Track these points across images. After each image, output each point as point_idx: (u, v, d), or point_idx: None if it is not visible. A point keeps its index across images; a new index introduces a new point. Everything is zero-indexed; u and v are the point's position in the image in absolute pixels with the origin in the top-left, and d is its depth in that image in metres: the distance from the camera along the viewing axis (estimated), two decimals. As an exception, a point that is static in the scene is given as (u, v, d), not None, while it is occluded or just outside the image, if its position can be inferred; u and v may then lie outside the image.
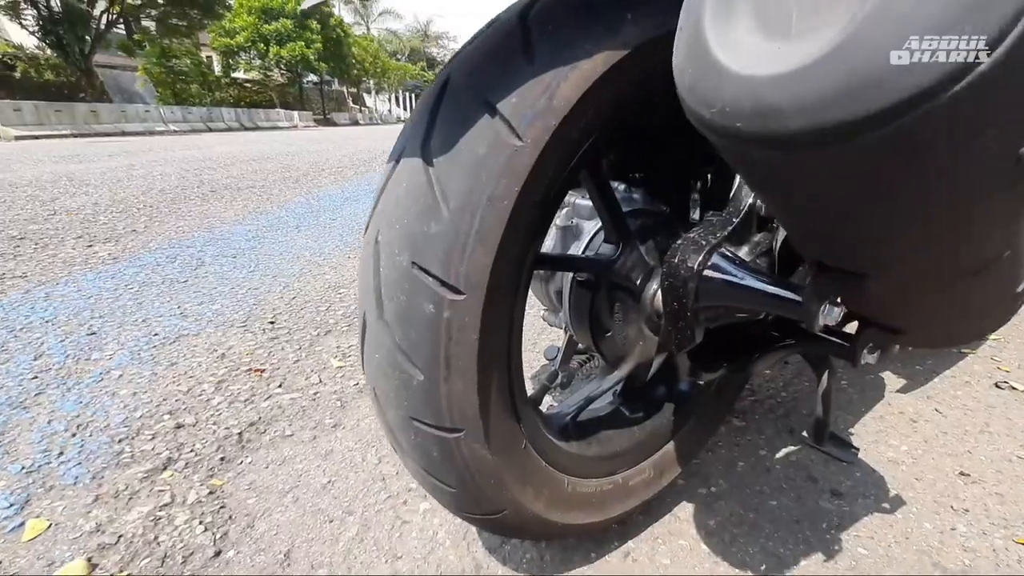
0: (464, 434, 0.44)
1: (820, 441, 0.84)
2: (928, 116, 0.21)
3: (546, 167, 0.41)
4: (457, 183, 0.38)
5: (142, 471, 0.82)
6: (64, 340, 1.28)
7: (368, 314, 0.43)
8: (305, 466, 0.84)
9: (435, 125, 0.39)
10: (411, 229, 0.40)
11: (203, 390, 1.05)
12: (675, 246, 0.45)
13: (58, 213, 2.75)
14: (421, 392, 0.42)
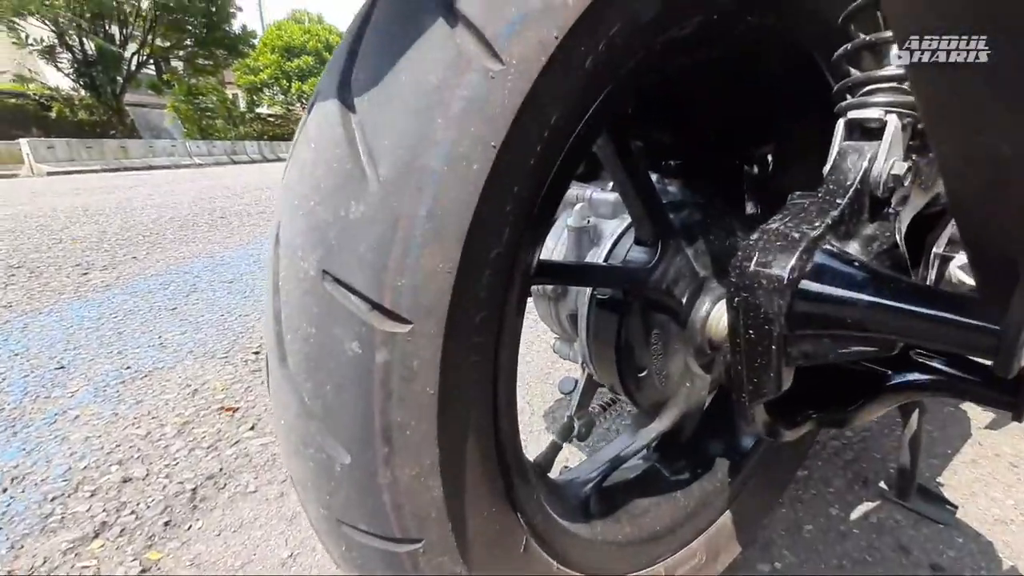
0: (423, 545, 0.28)
1: (906, 497, 0.66)
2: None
3: (543, 109, 0.25)
4: (394, 136, 0.24)
5: (69, 540, 0.67)
6: (28, 375, 1.16)
7: (270, 357, 0.28)
8: (265, 533, 0.68)
9: (360, 45, 0.25)
10: (321, 215, 0.25)
11: (163, 434, 0.91)
12: (749, 243, 0.29)
13: (63, 242, 2.70)
14: (348, 481, 0.26)
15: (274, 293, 0.26)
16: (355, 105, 0.24)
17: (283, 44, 30.49)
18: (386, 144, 0.23)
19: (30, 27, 16.49)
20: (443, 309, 0.24)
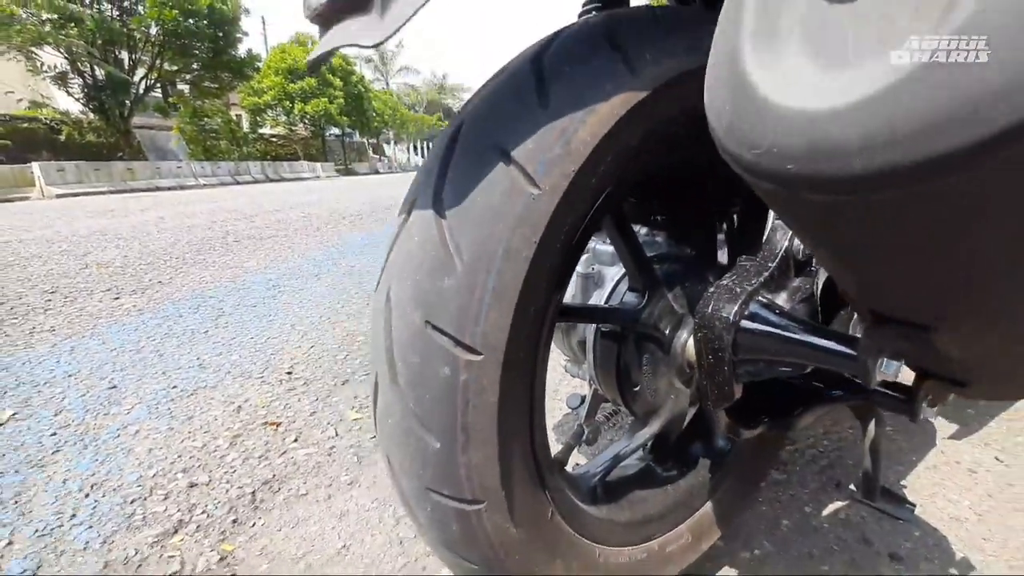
0: (485, 506, 0.40)
1: (871, 496, 0.77)
2: (998, 153, 0.18)
3: (565, 215, 0.38)
4: (471, 235, 0.36)
5: (153, 535, 0.79)
6: (85, 395, 1.28)
7: (380, 377, 0.41)
8: (319, 528, 0.80)
9: (447, 175, 0.38)
10: (424, 286, 0.37)
11: (218, 445, 1.03)
12: (707, 294, 0.42)
13: (89, 267, 2.83)
14: (438, 461, 0.39)
15: (386, 334, 0.39)
16: (445, 214, 0.37)
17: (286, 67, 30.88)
18: (466, 241, 0.36)
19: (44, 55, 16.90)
20: (502, 346, 0.37)
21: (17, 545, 0.78)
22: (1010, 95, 0.17)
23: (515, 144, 0.37)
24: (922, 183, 0.20)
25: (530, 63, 0.39)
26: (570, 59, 0.39)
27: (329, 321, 1.81)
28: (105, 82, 18.50)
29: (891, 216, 0.23)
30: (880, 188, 0.21)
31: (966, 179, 0.19)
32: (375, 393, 0.42)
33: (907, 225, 0.23)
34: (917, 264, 0.26)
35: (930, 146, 0.19)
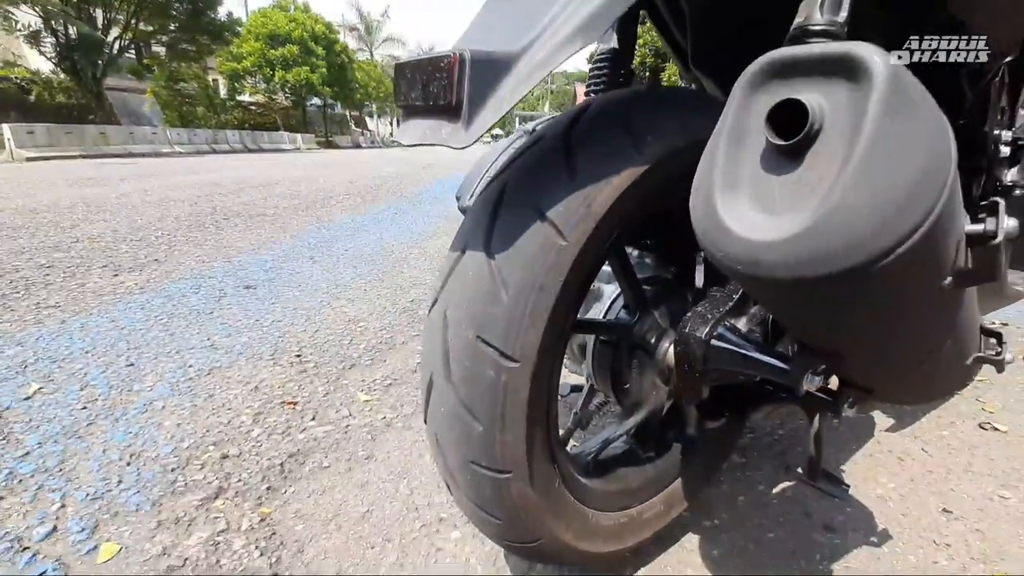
0: (512, 475, 0.53)
1: (814, 478, 0.92)
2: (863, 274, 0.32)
3: (584, 259, 0.50)
4: (514, 275, 0.48)
5: (196, 499, 0.90)
6: (105, 371, 1.36)
7: (435, 375, 0.52)
8: (344, 496, 0.92)
9: (495, 226, 0.49)
10: (476, 310, 0.49)
11: (242, 422, 1.14)
12: (686, 318, 0.54)
13: (80, 240, 2.85)
14: (480, 441, 0.51)
15: (443, 343, 0.51)
16: (495, 257, 0.48)
17: (268, 32, 29.78)
18: (510, 279, 0.48)
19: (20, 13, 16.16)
20: (533, 356, 0.50)
21: (70, 508, 0.88)
22: (851, 248, 0.31)
23: (549, 206, 0.48)
24: (807, 287, 0.35)
25: (561, 139, 0.51)
26: (591, 138, 0.50)
27: (330, 306, 1.91)
28: (78, 41, 17.72)
29: (795, 300, 0.38)
30: (786, 287, 0.35)
31: (833, 286, 0.34)
32: (429, 388, 0.54)
33: (802, 304, 0.37)
34: (814, 324, 0.40)
35: (814, 269, 0.33)
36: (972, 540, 0.86)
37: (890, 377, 0.52)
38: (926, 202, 0.30)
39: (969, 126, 0.76)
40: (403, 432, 1.12)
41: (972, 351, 0.52)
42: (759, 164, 0.35)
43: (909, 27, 0.58)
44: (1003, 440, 1.16)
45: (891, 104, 0.30)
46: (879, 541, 0.86)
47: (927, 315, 0.39)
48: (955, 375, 0.55)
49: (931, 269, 0.35)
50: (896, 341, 0.42)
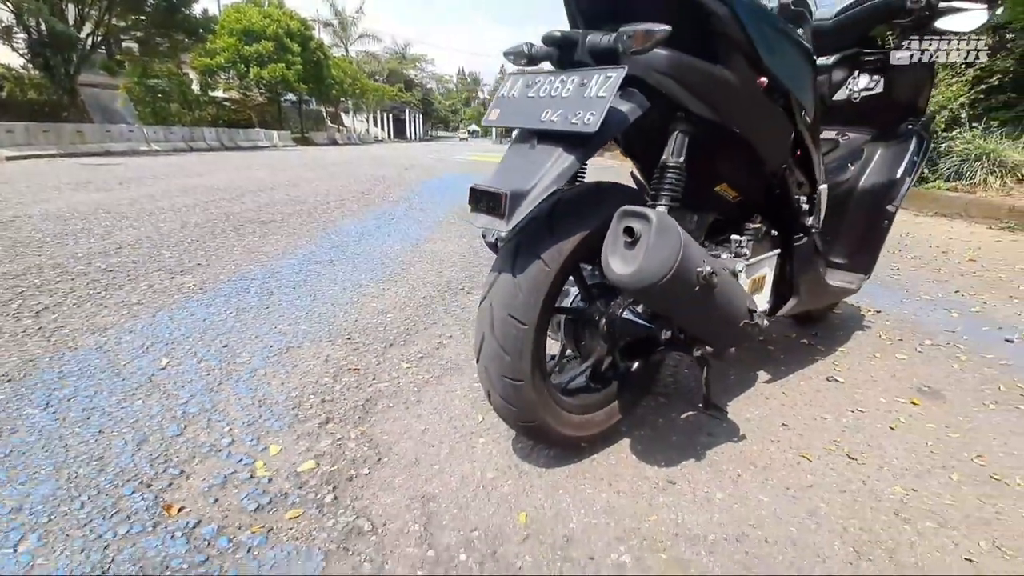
0: (524, 383, 1.06)
1: (705, 408, 1.48)
2: (657, 285, 0.86)
3: (559, 276, 1.03)
4: (525, 284, 1.00)
5: (315, 424, 1.41)
6: (209, 349, 1.85)
7: (486, 334, 1.05)
8: (408, 422, 1.44)
9: (516, 262, 1.02)
10: (507, 301, 1.02)
11: (325, 381, 1.64)
12: (611, 305, 1.09)
13: (123, 247, 3.27)
14: (509, 365, 1.04)
15: (490, 317, 1.03)
16: (515, 275, 1.01)
17: (242, 28, 29.32)
18: (523, 286, 1.01)
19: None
20: (534, 322, 1.03)
21: (237, 430, 1.38)
22: (650, 276, 0.87)
23: (541, 251, 1.01)
24: (642, 291, 0.90)
25: (546, 217, 1.03)
26: (561, 216, 1.04)
27: (359, 302, 2.41)
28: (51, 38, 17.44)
29: (641, 296, 0.96)
30: (636, 291, 0.91)
31: (649, 290, 0.89)
32: (481, 340, 1.06)
33: (645, 297, 0.94)
34: (654, 305, 0.96)
35: (640, 285, 0.88)
36: (795, 439, 1.42)
37: (698, 331, 1.08)
38: (670, 262, 0.85)
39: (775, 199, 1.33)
40: (437, 386, 1.65)
41: (740, 320, 1.07)
42: (622, 246, 0.89)
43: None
44: (840, 388, 1.74)
45: (657, 228, 0.85)
46: (738, 440, 1.42)
47: (694, 301, 0.94)
48: (735, 332, 1.10)
49: (685, 283, 0.89)
50: (687, 313, 0.97)
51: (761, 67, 1.07)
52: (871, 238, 1.77)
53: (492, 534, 1.04)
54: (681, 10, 0.98)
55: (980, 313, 2.47)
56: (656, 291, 0.88)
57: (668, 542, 1.04)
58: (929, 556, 1.02)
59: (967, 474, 1.28)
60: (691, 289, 0.90)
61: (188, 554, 0.97)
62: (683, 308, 0.98)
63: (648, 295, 0.94)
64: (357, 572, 0.94)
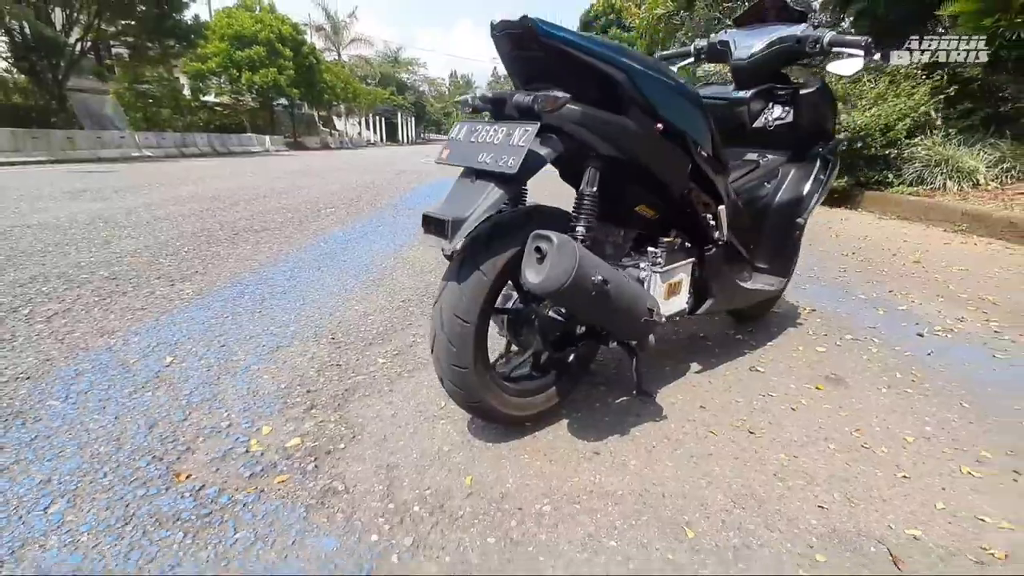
0: (468, 369, 1.31)
1: (638, 393, 1.74)
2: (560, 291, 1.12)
3: (495, 285, 1.28)
4: (468, 289, 1.25)
5: (301, 410, 1.65)
6: (209, 349, 2.09)
7: (437, 330, 1.30)
8: (380, 407, 1.69)
9: (461, 271, 1.27)
10: (454, 303, 1.27)
11: (311, 375, 1.89)
12: (539, 308, 1.34)
13: (124, 256, 3.49)
14: (456, 355, 1.29)
15: (440, 317, 1.28)
16: (460, 282, 1.26)
17: (233, 33, 29.40)
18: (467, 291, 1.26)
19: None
20: (475, 321, 1.28)
21: (234, 414, 1.62)
22: (554, 283, 1.13)
23: (481, 264, 1.26)
24: (550, 295, 1.17)
25: (486, 235, 1.29)
26: (484, 242, 1.28)
27: (345, 305, 2.65)
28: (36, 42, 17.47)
29: (551, 299, 1.22)
30: (546, 295, 1.17)
31: (556, 294, 1.15)
32: (434, 336, 1.31)
33: (555, 300, 1.20)
34: (564, 305, 1.21)
35: (547, 291, 1.15)
36: (707, 419, 1.68)
37: (605, 326, 1.34)
38: (568, 273, 1.10)
39: (686, 217, 1.60)
40: (409, 379, 1.89)
41: (640, 316, 1.33)
42: (534, 260, 1.15)
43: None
44: (759, 376, 2.00)
45: (558, 247, 1.11)
46: (659, 420, 1.68)
47: (594, 302, 1.19)
48: (637, 326, 1.36)
49: (582, 288, 1.14)
50: (591, 311, 1.23)
51: (657, 116, 1.33)
52: (786, 246, 2.03)
53: (442, 492, 1.29)
54: (591, 76, 1.24)
55: (905, 311, 2.75)
56: (560, 295, 1.13)
57: (584, 497, 1.29)
58: (791, 505, 1.28)
59: (843, 444, 1.54)
60: (588, 293, 1.16)
61: (195, 508, 1.21)
62: (587, 308, 1.24)
63: (555, 298, 1.20)
64: (333, 521, 1.19)
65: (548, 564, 1.08)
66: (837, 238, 4.72)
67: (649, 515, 1.23)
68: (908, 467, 1.44)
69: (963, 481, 1.39)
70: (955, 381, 1.94)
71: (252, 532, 1.15)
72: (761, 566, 1.09)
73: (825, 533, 1.19)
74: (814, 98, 1.93)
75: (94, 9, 17.75)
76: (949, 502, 1.30)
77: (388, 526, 1.18)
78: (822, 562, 1.11)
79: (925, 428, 1.63)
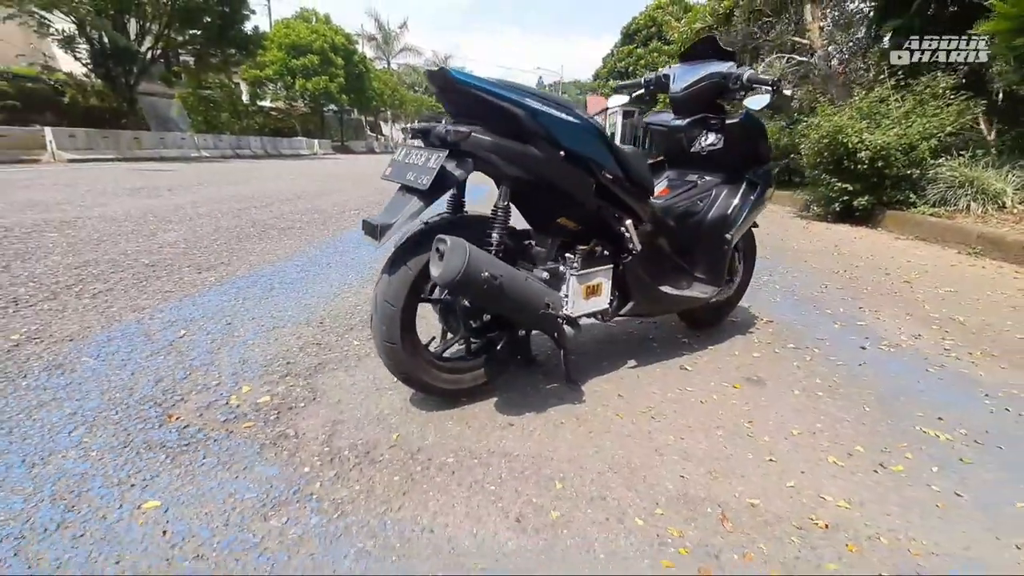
0: (396, 346, 1.60)
1: (567, 380, 2.00)
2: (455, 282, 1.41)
3: (420, 279, 1.58)
4: (396, 279, 1.55)
5: (278, 375, 1.99)
6: (217, 325, 2.47)
7: (374, 312, 1.60)
8: (344, 378, 2.01)
9: (391, 268, 1.57)
10: (385, 290, 1.57)
11: (294, 352, 2.23)
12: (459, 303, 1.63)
13: (164, 247, 3.98)
14: (385, 332, 1.58)
15: (376, 302, 1.59)
16: (390, 276, 1.57)
17: (290, 42, 30.90)
18: (394, 281, 1.56)
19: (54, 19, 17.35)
20: (401, 304, 1.58)
21: (224, 376, 1.97)
22: (448, 275, 1.42)
23: (407, 262, 1.56)
24: (449, 287, 1.44)
25: (416, 236, 1.59)
26: (422, 238, 1.59)
27: (341, 296, 3.01)
28: (112, 49, 18.95)
29: (451, 291, 1.48)
30: (448, 288, 1.46)
31: (453, 286, 1.43)
32: (372, 317, 1.62)
33: (458, 293, 1.48)
34: (468, 297, 1.50)
35: (446, 282, 1.43)
36: (620, 405, 1.92)
37: (509, 316, 1.61)
38: (459, 269, 1.37)
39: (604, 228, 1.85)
40: (375, 359, 2.21)
41: (537, 309, 1.59)
42: (437, 258, 1.44)
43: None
44: (686, 374, 2.22)
45: (450, 247, 1.39)
46: (576, 403, 1.93)
47: (490, 294, 1.46)
48: (537, 318, 1.62)
49: (474, 282, 1.41)
50: (491, 302, 1.51)
51: (560, 145, 1.61)
52: (716, 259, 2.25)
53: (371, 443, 1.59)
54: (501, 113, 1.53)
55: (863, 326, 2.88)
56: (456, 286, 1.42)
57: (485, 454, 1.57)
58: (658, 474, 1.52)
59: (730, 431, 1.76)
60: (481, 286, 1.44)
61: (177, 439, 1.56)
62: (483, 299, 1.51)
63: (454, 289, 1.47)
64: (279, 456, 1.51)
65: (434, 497, 1.37)
66: (839, 256, 4.79)
67: (532, 471, 1.50)
68: (780, 453, 1.64)
69: (825, 468, 1.59)
70: (869, 389, 2.11)
71: (216, 459, 1.48)
72: (600, 512, 1.34)
73: (676, 496, 1.42)
74: (739, 127, 2.14)
75: (165, 20, 19.22)
76: (801, 483, 1.51)
77: (320, 463, 1.49)
78: (659, 514, 1.34)
79: (816, 425, 1.82)
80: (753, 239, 2.75)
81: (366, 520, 1.27)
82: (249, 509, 1.29)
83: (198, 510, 1.28)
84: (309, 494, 1.36)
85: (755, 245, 2.78)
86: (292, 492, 1.36)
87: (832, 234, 6.03)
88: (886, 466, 1.60)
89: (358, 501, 1.34)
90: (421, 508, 1.33)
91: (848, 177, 6.63)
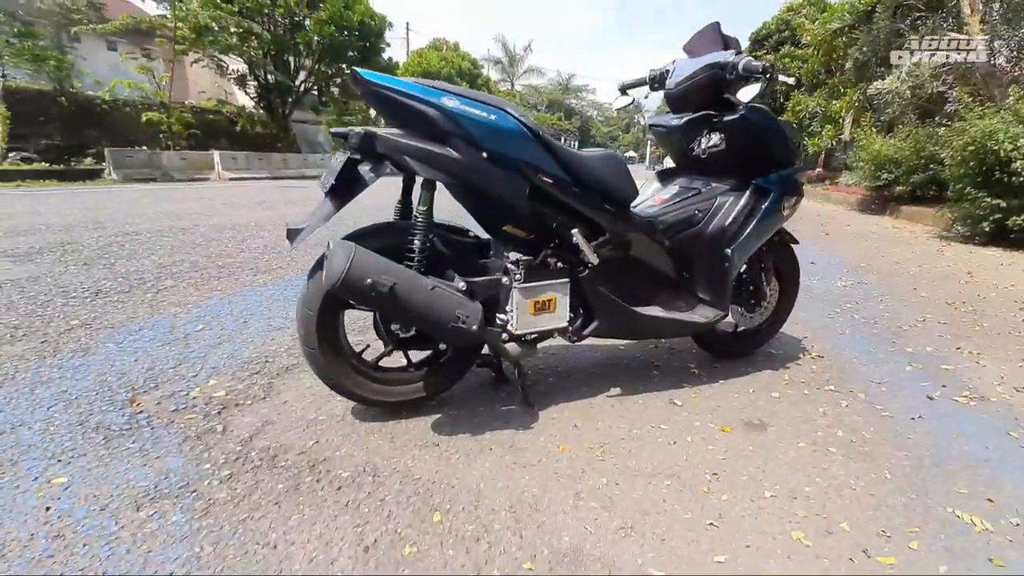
0: (315, 350, 1.58)
1: (525, 405, 1.84)
2: (340, 287, 1.34)
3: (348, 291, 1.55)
4: (313, 287, 1.53)
5: (248, 373, 2.08)
6: (234, 323, 2.67)
7: (297, 317, 1.60)
8: (303, 382, 2.04)
9: (312, 274, 1.56)
10: (304, 296, 1.56)
11: (279, 352, 2.33)
12: None
13: (245, 252, 4.44)
14: (304, 337, 1.57)
15: (298, 307, 1.59)
16: (308, 283, 1.56)
17: (422, 70, 33.43)
18: (313, 289, 1.55)
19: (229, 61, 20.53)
20: (318, 310, 1.55)
21: (203, 372, 2.11)
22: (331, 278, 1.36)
23: (337, 267, 1.54)
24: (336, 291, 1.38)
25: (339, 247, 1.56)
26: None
27: (360, 302, 3.10)
28: (274, 85, 21.94)
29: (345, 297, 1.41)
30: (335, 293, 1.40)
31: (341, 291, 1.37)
32: (297, 323, 1.62)
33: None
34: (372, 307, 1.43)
35: (327, 286, 1.37)
36: (569, 437, 1.70)
37: (420, 327, 1.49)
38: (340, 273, 1.32)
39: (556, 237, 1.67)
40: (350, 364, 2.22)
41: (446, 322, 1.46)
42: (326, 262, 1.39)
43: None
44: (674, 410, 1.91)
45: (332, 251, 1.35)
46: (521, 429, 1.75)
47: (385, 302, 1.37)
48: (448, 331, 1.47)
49: (360, 287, 1.34)
50: (383, 310, 1.42)
51: (481, 147, 1.48)
52: (717, 277, 1.92)
53: (284, 447, 1.58)
54: (418, 116, 1.45)
55: (947, 371, 2.30)
56: (341, 291, 1.35)
57: (385, 473, 1.47)
58: (561, 521, 1.30)
59: (683, 483, 1.47)
60: (368, 293, 1.36)
61: (123, 423, 1.68)
62: (378, 306, 1.43)
63: (339, 294, 1.39)
64: (193, 451, 1.55)
65: (302, 512, 1.30)
66: (965, 285, 3.95)
67: (421, 498, 1.37)
68: (731, 518, 1.33)
69: (781, 546, 1.25)
70: (908, 450, 1.66)
71: (139, 446, 1.57)
72: (461, 555, 1.18)
73: (563, 552, 1.20)
74: (740, 123, 1.82)
75: (316, 56, 21.92)
76: (735, 560, 1.20)
77: (224, 461, 1.50)
78: (526, 570, 1.15)
79: (804, 489, 1.46)
80: (794, 257, 2.34)
81: (220, 525, 1.25)
82: (131, 498, 1.33)
83: (90, 492, 1.35)
84: (192, 491, 1.37)
85: (797, 265, 2.35)
86: (180, 486, 1.39)
87: (972, 259, 4.97)
88: (871, 554, 1.22)
89: (228, 505, 1.32)
90: (281, 521, 1.27)
91: (1001, 191, 5.46)
